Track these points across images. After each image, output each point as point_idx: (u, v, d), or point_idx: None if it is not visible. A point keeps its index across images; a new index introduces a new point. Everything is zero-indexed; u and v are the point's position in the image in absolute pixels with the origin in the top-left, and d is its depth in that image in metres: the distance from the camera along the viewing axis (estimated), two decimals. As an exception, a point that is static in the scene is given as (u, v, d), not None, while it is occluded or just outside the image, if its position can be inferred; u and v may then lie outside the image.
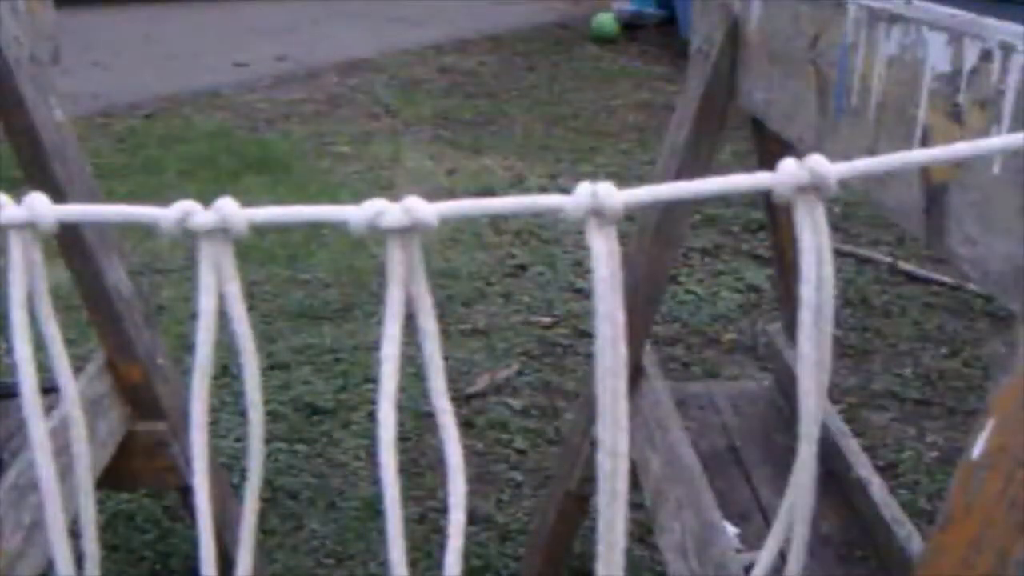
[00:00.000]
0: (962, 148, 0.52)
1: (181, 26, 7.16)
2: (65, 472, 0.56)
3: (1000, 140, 0.50)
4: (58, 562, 0.54)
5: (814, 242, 0.51)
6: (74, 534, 0.57)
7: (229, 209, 0.48)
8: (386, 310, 0.50)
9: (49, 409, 0.64)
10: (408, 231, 0.48)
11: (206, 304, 0.49)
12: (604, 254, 0.49)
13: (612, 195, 0.49)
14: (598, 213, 0.49)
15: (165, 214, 0.48)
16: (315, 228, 3.22)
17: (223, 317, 0.51)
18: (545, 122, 5.11)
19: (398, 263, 0.49)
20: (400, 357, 0.50)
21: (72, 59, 4.23)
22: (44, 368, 0.55)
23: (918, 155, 0.52)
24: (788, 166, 0.51)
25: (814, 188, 0.50)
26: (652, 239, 1.50)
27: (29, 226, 0.49)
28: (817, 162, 0.50)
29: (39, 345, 0.54)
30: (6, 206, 0.49)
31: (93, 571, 0.58)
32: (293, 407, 2.48)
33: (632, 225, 1.50)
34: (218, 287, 0.50)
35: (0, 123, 1.40)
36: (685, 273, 3.22)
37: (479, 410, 2.51)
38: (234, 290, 0.50)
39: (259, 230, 0.50)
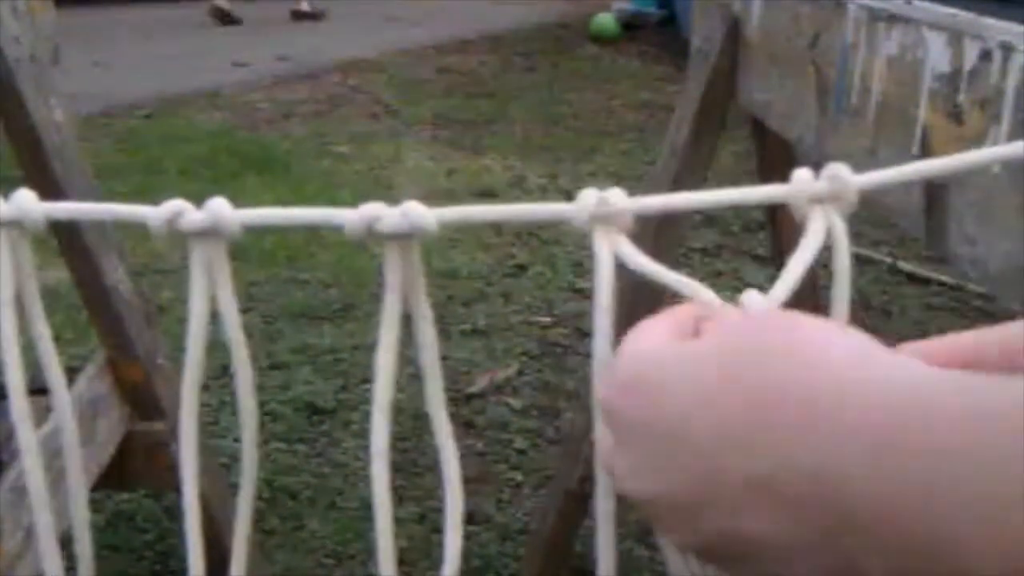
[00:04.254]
0: (977, 155, 0.51)
1: (181, 26, 7.16)
2: (62, 474, 0.56)
3: (1019, 146, 0.49)
4: (48, 570, 0.54)
5: (809, 256, 0.49)
6: (72, 535, 0.57)
7: (221, 210, 0.47)
8: (383, 318, 0.49)
9: (50, 409, 0.64)
10: (406, 237, 0.47)
11: (197, 308, 0.49)
12: (609, 265, 0.48)
13: (620, 201, 0.48)
14: (605, 220, 0.48)
15: (155, 213, 0.47)
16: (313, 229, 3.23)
17: (218, 318, 0.50)
18: (545, 122, 5.11)
19: (396, 269, 0.48)
20: (397, 362, 0.49)
21: (72, 59, 4.22)
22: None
23: (938, 163, 0.51)
24: (804, 176, 0.48)
25: (834, 200, 0.48)
26: (652, 240, 1.50)
27: (16, 224, 0.49)
28: (837, 170, 0.48)
29: (34, 343, 0.54)
30: (-7, 203, 0.49)
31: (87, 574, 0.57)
32: (293, 407, 2.48)
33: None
34: (210, 290, 0.49)
35: (0, 123, 1.40)
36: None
37: (479, 410, 2.51)
38: (227, 293, 0.49)
39: (256, 231, 0.49)
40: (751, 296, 0.45)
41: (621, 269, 0.49)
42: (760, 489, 0.34)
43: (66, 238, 1.49)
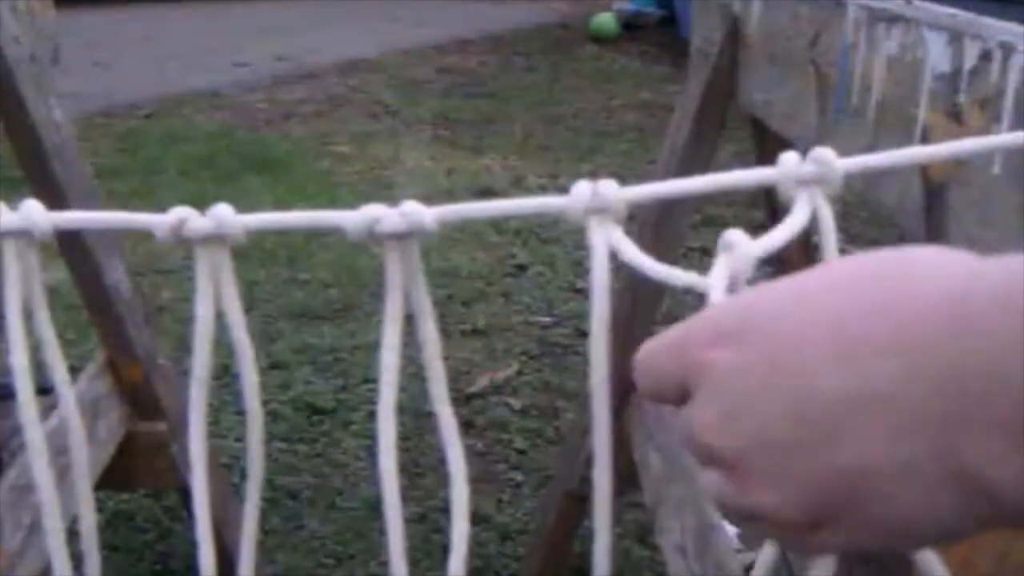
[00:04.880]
0: (967, 144, 0.51)
1: (181, 26, 7.16)
2: (64, 472, 0.56)
3: (1008, 137, 0.50)
4: (56, 568, 0.54)
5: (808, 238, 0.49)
6: (74, 534, 0.57)
7: (225, 215, 0.48)
8: (385, 318, 0.49)
9: (50, 408, 0.64)
10: (406, 236, 0.48)
11: (203, 311, 0.49)
12: (604, 255, 0.48)
13: (614, 192, 0.48)
14: (600, 212, 0.48)
15: (160, 221, 0.48)
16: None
17: (222, 320, 0.51)
18: (545, 122, 5.11)
19: (397, 269, 0.49)
20: (400, 360, 0.50)
21: (72, 59, 4.22)
22: (45, 366, 0.55)
23: (926, 151, 0.51)
24: (791, 159, 0.49)
25: (820, 182, 0.48)
26: (652, 239, 1.50)
27: (24, 233, 0.49)
28: (823, 154, 0.48)
29: (39, 345, 0.54)
30: (2, 213, 0.49)
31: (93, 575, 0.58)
32: (293, 407, 2.48)
33: (631, 224, 1.50)
34: (215, 293, 0.49)
35: (0, 123, 1.40)
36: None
37: (479, 410, 2.51)
38: (232, 297, 0.49)
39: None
40: (733, 234, 0.45)
41: (620, 268, 0.49)
42: (865, 409, 0.32)
43: (66, 238, 1.49)
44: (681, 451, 1.44)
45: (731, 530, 1.44)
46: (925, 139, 0.84)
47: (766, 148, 1.57)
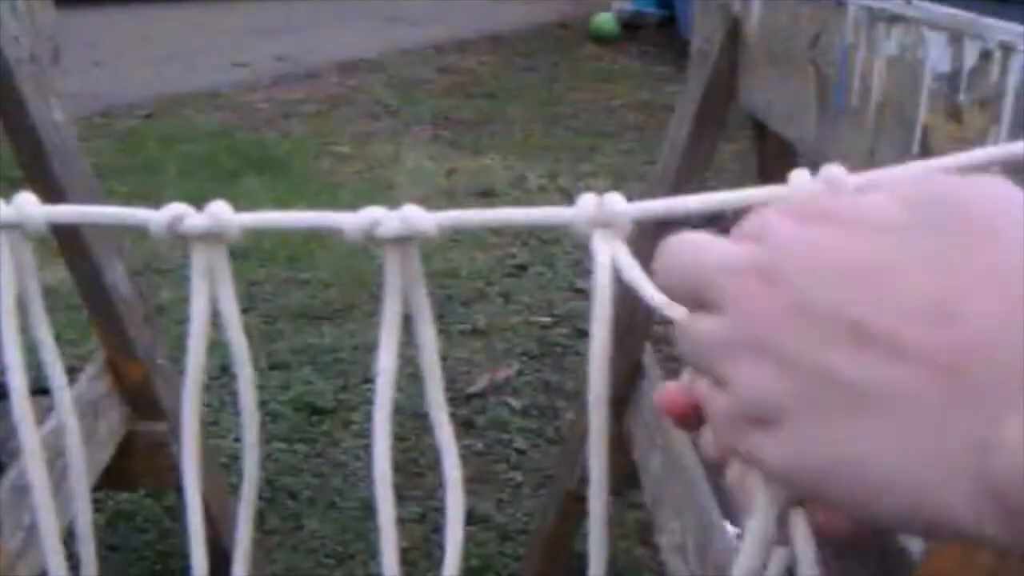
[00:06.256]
0: (976, 155, 0.51)
1: (181, 26, 7.16)
2: (63, 474, 0.56)
3: (1013, 146, 0.50)
4: (51, 569, 0.54)
5: None
6: (73, 534, 0.57)
7: (221, 213, 0.48)
8: (383, 321, 0.49)
9: (49, 409, 0.64)
10: (406, 240, 0.47)
11: (199, 309, 0.49)
12: (608, 270, 0.48)
13: (619, 206, 0.47)
14: (604, 225, 0.48)
15: (156, 217, 0.47)
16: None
17: (219, 319, 0.50)
18: (545, 122, 5.11)
19: (396, 272, 0.48)
20: (398, 363, 0.49)
21: (72, 59, 4.21)
22: (45, 365, 0.54)
23: (931, 163, 0.51)
24: (801, 178, 0.48)
25: None
26: (652, 240, 1.50)
27: (17, 226, 0.49)
28: (833, 172, 0.48)
29: (37, 344, 0.54)
30: (-7, 206, 0.49)
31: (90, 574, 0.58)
32: (293, 407, 2.48)
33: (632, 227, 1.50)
34: (211, 292, 0.49)
35: (0, 123, 1.40)
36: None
37: (479, 410, 2.51)
38: (228, 295, 0.49)
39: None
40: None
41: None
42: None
43: (65, 237, 1.49)
44: (681, 451, 1.44)
45: (731, 530, 1.44)
46: (925, 139, 0.84)
47: (766, 148, 1.57)
